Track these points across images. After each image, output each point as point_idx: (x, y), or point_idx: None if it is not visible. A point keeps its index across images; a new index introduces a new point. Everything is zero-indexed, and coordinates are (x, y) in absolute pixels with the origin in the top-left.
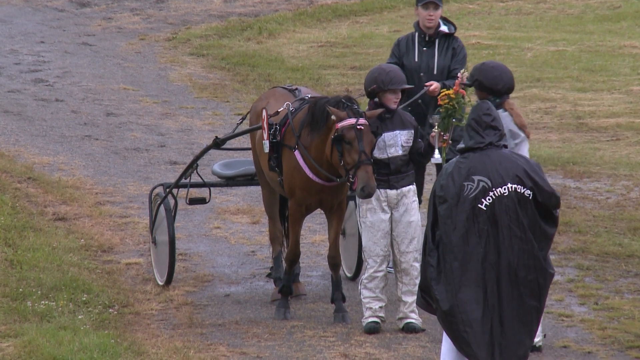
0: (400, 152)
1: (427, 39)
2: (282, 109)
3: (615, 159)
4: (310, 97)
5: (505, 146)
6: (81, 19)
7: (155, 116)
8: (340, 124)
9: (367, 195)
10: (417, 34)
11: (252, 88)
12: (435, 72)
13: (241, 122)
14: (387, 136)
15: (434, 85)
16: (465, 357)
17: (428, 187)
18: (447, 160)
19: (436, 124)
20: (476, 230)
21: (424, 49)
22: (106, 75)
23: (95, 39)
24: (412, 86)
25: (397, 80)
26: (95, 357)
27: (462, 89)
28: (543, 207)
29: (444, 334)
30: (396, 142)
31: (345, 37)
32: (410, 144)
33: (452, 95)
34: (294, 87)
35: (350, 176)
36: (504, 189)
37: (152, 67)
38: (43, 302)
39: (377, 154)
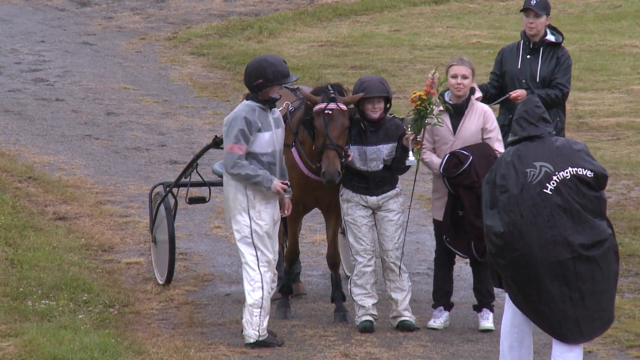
0: (380, 167)
1: (531, 46)
2: (281, 108)
3: (615, 158)
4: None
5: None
6: (82, 19)
7: (156, 115)
8: (314, 109)
9: (328, 180)
10: (522, 41)
11: None
12: (537, 79)
13: None
14: (369, 150)
15: (517, 92)
16: (523, 334)
17: (427, 186)
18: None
19: (409, 126)
20: (545, 215)
21: (528, 56)
22: (107, 75)
23: (96, 39)
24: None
25: (371, 89)
26: (95, 356)
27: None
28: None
29: (507, 307)
30: (379, 157)
31: (346, 37)
32: (392, 156)
33: (424, 97)
34: (294, 87)
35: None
36: (567, 173)
37: (152, 67)
38: (43, 301)
39: (358, 164)
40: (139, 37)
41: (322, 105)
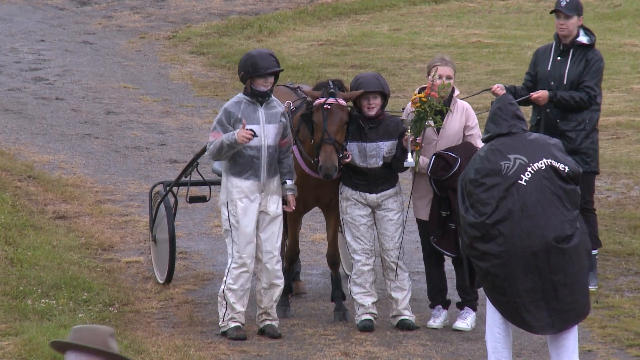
0: (380, 163)
1: (562, 48)
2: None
3: (615, 157)
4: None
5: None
6: (81, 18)
7: (156, 114)
8: (313, 104)
9: (325, 174)
10: (554, 43)
11: None
12: (565, 82)
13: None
14: (369, 147)
15: (539, 93)
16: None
17: None
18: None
19: (408, 127)
20: (519, 206)
21: (558, 58)
22: (106, 74)
23: (96, 38)
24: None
25: (366, 84)
26: None
27: (435, 92)
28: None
29: (488, 306)
30: (378, 154)
31: (346, 36)
32: (393, 154)
33: (424, 99)
34: (295, 86)
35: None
36: (541, 164)
37: (152, 66)
38: (43, 300)
39: (357, 161)
40: (139, 36)
41: (321, 100)
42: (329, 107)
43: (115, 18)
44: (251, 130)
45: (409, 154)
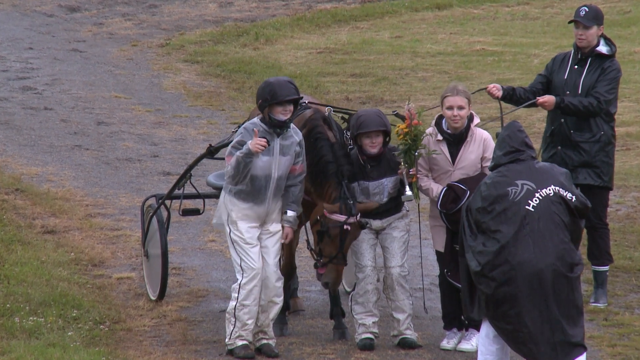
0: (384, 200)
1: (579, 56)
2: None
3: (625, 169)
4: (308, 103)
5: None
6: (71, 25)
7: (148, 125)
8: (328, 215)
9: (328, 288)
10: (573, 51)
11: (249, 96)
12: (579, 91)
13: (236, 131)
14: (372, 185)
15: (545, 98)
16: (504, 351)
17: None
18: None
19: (401, 160)
20: (527, 232)
21: (575, 67)
22: (97, 83)
23: (86, 45)
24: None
25: (368, 123)
26: None
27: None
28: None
29: (485, 327)
30: (382, 191)
31: (345, 43)
32: (398, 188)
33: (406, 130)
34: None
35: (320, 263)
36: (549, 190)
37: (144, 75)
38: (31, 318)
39: (360, 198)
40: (131, 44)
41: (341, 219)
42: (349, 227)
43: (106, 25)
44: (264, 137)
45: (407, 187)
